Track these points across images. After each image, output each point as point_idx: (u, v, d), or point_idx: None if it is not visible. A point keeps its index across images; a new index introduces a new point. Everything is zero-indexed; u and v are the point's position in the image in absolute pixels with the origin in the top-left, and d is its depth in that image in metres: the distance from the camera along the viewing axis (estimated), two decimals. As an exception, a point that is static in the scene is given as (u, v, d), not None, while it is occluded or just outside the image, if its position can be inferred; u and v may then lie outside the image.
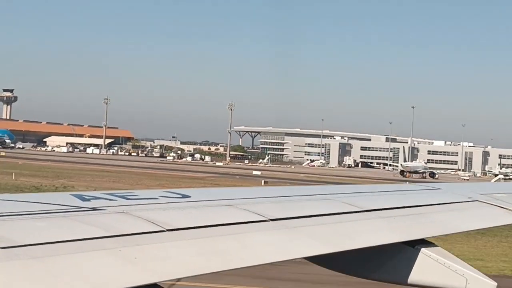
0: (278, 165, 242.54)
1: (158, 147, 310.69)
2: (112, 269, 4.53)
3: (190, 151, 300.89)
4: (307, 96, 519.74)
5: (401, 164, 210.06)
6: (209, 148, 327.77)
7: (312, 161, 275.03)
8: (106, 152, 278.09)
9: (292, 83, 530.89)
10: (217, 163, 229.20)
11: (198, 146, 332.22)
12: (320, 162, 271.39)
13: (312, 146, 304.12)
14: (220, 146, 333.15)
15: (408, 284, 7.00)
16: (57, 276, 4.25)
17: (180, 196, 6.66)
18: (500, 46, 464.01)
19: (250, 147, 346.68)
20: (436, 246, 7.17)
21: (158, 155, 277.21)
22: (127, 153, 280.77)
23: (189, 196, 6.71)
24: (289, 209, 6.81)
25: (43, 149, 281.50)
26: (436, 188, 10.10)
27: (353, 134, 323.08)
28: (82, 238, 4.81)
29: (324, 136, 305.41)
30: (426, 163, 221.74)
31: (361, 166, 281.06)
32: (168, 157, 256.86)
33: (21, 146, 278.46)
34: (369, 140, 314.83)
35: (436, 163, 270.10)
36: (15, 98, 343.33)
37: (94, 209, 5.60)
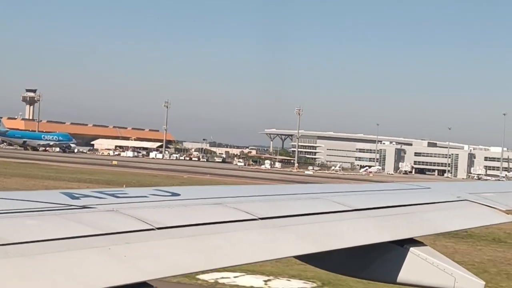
0: (327, 172, 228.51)
1: (194, 149, 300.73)
2: (102, 267, 4.54)
3: (222, 154, 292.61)
4: (340, 99, 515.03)
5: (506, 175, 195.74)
6: (242, 152, 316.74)
7: (369, 167, 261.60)
8: (170, 157, 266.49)
9: (324, 86, 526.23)
10: (292, 170, 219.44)
11: (228, 149, 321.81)
12: (377, 168, 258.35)
13: (364, 152, 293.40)
14: (251, 148, 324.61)
15: (397, 283, 7.03)
16: (47, 274, 4.25)
17: (170, 194, 6.67)
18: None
19: (280, 150, 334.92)
20: (425, 245, 7.21)
21: (220, 160, 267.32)
22: (187, 158, 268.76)
23: (179, 195, 6.72)
24: (279, 208, 6.83)
25: (104, 152, 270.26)
26: (425, 188, 10.14)
27: (394, 139, 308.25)
28: (71, 236, 4.81)
29: (364, 141, 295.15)
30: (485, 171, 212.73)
31: (415, 173, 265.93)
32: (238, 163, 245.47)
33: (83, 150, 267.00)
34: (411, 144, 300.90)
35: (494, 170, 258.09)
36: (38, 98, 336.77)
37: (84, 207, 5.61)
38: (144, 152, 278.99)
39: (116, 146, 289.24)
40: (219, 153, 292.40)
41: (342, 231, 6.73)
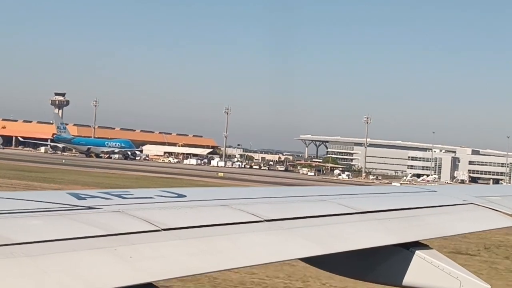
0: (387, 180, 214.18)
1: (238, 156, 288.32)
2: (107, 268, 4.54)
3: (258, 160, 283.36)
4: (377, 106, 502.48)
5: None
6: (279, 158, 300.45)
7: (426, 176, 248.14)
8: (232, 164, 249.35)
9: (364, 93, 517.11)
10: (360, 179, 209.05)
11: (264, 155, 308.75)
12: (433, 177, 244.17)
13: (416, 160, 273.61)
14: (287, 154, 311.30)
15: (403, 286, 7.02)
16: (53, 275, 4.26)
17: (176, 195, 6.67)
18: None
19: (314, 156, 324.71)
20: (430, 248, 7.20)
21: (283, 168, 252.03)
22: (247, 166, 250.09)
23: (185, 196, 6.71)
24: (285, 210, 6.82)
25: (163, 160, 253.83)
26: (431, 191, 10.12)
27: (439, 146, 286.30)
28: (77, 237, 4.82)
29: (402, 147, 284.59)
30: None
31: (469, 182, 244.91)
32: (302, 172, 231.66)
33: (146, 158, 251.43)
34: (454, 152, 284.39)
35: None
36: (67, 102, 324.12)
37: (90, 207, 5.61)
38: (206, 160, 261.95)
39: (164, 152, 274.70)
40: (255, 160, 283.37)
41: (348, 234, 6.71)
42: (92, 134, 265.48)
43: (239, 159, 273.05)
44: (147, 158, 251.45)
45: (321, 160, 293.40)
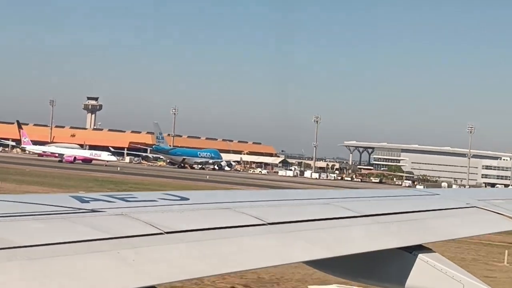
0: None
1: (297, 164, 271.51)
2: (110, 271, 4.54)
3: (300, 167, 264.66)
4: (423, 110, 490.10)
5: None
6: (327, 165, 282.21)
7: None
8: (327, 176, 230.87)
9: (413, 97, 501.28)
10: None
11: (305, 161, 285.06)
12: None
13: (491, 169, 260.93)
14: (329, 160, 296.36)
15: None
16: (55, 278, 4.25)
17: (179, 198, 6.66)
18: None
19: (358, 163, 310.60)
20: (433, 252, 7.19)
21: (377, 180, 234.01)
22: (338, 177, 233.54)
23: (188, 199, 6.71)
24: (288, 213, 6.82)
25: (253, 171, 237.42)
26: (434, 194, 10.11)
27: (481, 152, 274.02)
28: (80, 240, 4.81)
29: (452, 154, 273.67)
30: None
31: None
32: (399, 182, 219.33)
33: (236, 168, 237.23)
34: (497, 158, 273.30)
35: None
36: (100, 107, 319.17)
37: (93, 210, 5.61)
38: (299, 171, 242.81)
39: (233, 161, 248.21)
40: (295, 165, 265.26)
41: (350, 237, 6.71)
42: (171, 143, 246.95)
43: (297, 167, 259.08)
44: (238, 169, 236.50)
45: (372, 168, 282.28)
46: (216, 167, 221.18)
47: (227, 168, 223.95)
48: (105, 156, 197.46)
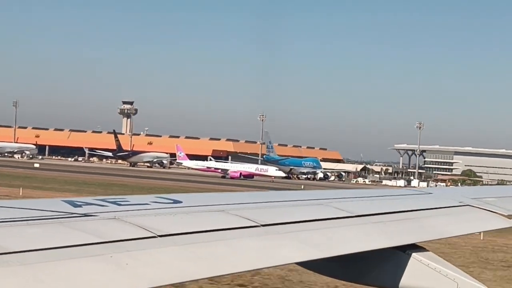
0: None
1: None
2: (104, 275, 4.54)
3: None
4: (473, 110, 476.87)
5: None
6: (382, 169, 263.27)
7: None
8: (436, 185, 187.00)
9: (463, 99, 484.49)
10: None
11: (356, 165, 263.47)
12: None
13: None
14: (379, 164, 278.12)
15: None
16: (48, 283, 4.25)
17: (172, 201, 6.66)
18: None
19: (407, 167, 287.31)
20: (427, 251, 7.21)
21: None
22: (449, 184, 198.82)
23: (181, 202, 6.71)
24: (281, 214, 6.83)
25: (356, 181, 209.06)
26: (427, 193, 10.13)
27: None
28: (73, 245, 4.81)
29: (507, 156, 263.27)
30: None
31: None
32: None
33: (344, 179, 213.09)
34: None
35: None
36: (136, 111, 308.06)
37: (85, 215, 5.61)
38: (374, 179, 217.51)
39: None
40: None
41: (344, 237, 6.72)
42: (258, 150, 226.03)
43: (375, 175, 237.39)
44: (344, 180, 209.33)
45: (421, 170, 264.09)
46: (315, 177, 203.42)
47: (331, 179, 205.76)
48: (272, 171, 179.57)
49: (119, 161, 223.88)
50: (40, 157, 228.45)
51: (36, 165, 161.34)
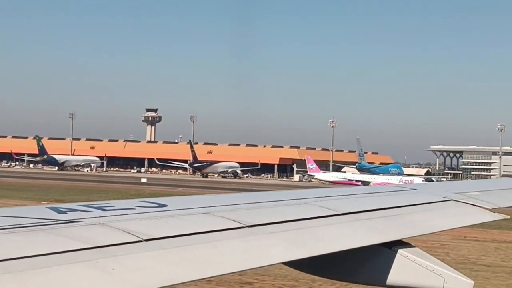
0: None
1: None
2: (90, 281, 4.53)
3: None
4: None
5: None
6: (418, 171, 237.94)
7: None
8: None
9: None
10: None
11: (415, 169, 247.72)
12: None
13: None
14: (415, 166, 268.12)
15: (387, 285, 7.05)
16: None
17: (157, 205, 6.65)
18: None
19: (443, 168, 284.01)
20: (413, 246, 7.23)
21: None
22: None
23: (166, 205, 6.70)
24: (266, 215, 6.83)
25: None
26: (411, 189, 10.17)
27: None
28: (59, 251, 4.79)
29: None
30: None
31: None
32: None
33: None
34: None
35: None
36: (159, 118, 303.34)
37: (70, 221, 5.58)
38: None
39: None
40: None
41: (330, 236, 6.73)
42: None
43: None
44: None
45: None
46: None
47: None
48: (418, 181, 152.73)
49: (187, 171, 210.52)
50: (104, 169, 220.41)
51: (143, 180, 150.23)
